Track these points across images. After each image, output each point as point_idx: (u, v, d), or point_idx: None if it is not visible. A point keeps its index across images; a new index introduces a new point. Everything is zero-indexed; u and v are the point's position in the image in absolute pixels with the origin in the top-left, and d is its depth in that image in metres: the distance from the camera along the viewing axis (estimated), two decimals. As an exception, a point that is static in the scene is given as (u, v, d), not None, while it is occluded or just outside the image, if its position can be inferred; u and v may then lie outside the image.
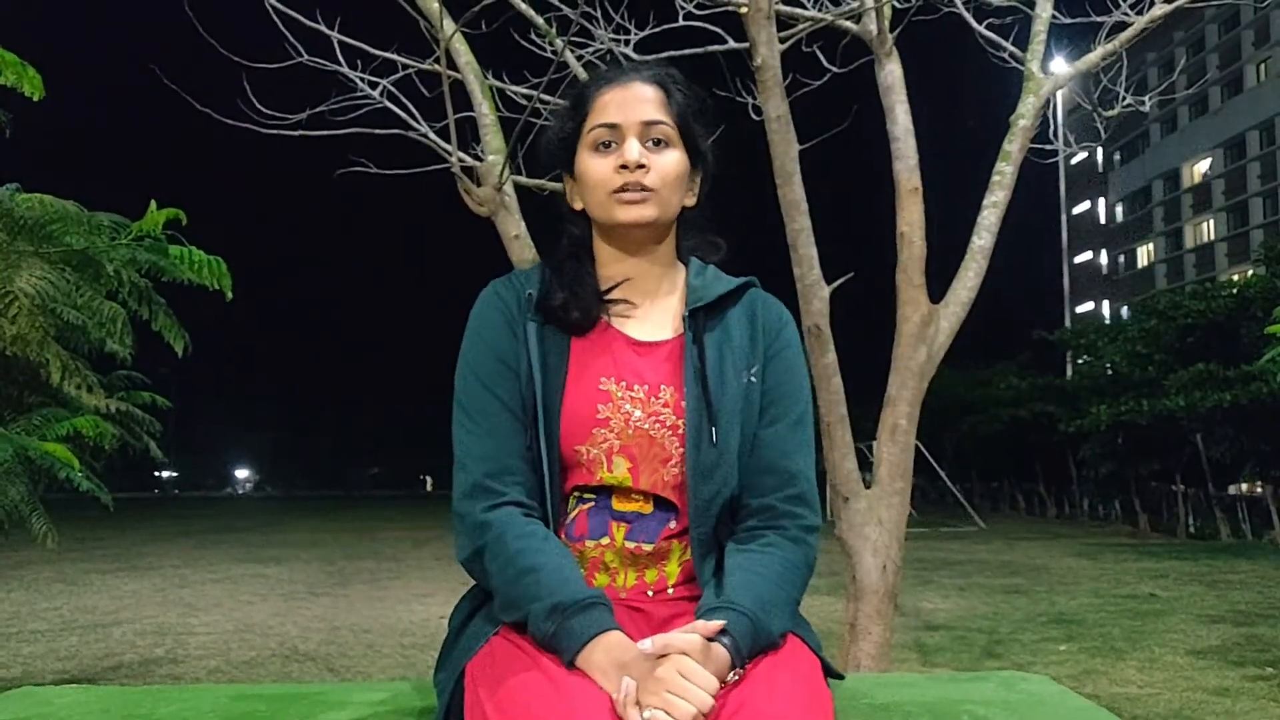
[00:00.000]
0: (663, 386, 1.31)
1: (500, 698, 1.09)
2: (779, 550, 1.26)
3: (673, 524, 1.30)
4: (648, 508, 1.30)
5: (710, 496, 1.28)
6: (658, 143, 1.32)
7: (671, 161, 1.32)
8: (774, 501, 1.29)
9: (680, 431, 1.29)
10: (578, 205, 1.38)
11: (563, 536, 1.30)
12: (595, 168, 1.32)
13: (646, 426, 1.29)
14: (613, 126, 1.31)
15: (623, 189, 1.30)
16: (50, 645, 6.70)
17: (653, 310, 1.38)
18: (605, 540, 1.29)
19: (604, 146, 1.32)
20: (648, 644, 1.06)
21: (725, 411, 1.29)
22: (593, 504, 1.30)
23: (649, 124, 1.31)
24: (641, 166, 1.29)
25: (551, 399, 1.29)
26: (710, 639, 1.10)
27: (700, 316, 1.34)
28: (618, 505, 1.30)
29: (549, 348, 1.31)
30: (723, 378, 1.30)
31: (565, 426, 1.28)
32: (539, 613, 1.13)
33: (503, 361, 1.31)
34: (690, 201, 1.39)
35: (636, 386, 1.31)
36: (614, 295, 1.36)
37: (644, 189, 1.30)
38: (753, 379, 1.33)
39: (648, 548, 1.29)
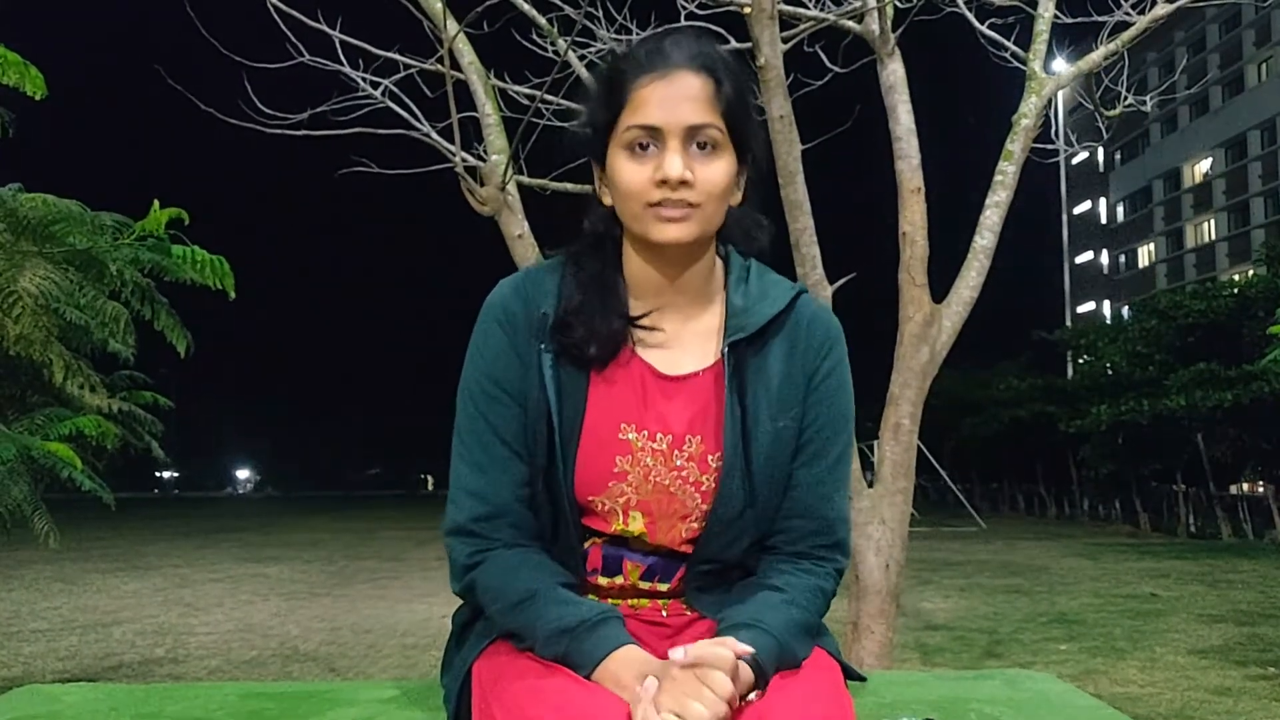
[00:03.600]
0: (689, 438, 1.18)
1: (508, 702, 1.06)
2: (810, 578, 1.20)
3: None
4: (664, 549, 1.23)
5: (723, 547, 1.20)
6: (703, 146, 1.13)
7: (719, 171, 1.13)
8: (808, 548, 1.22)
9: (703, 488, 1.18)
10: (607, 200, 1.20)
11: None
12: (631, 175, 1.13)
13: (667, 483, 1.18)
14: (652, 129, 1.12)
15: (661, 204, 1.12)
16: (50, 645, 6.71)
17: (684, 333, 1.22)
18: (619, 579, 1.23)
19: (641, 148, 1.13)
20: (679, 653, 0.99)
21: (755, 465, 1.18)
22: (606, 540, 1.23)
23: (695, 128, 1.12)
24: (685, 183, 1.11)
25: (567, 444, 1.17)
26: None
27: (741, 349, 1.19)
28: (633, 546, 1.22)
29: (565, 382, 1.17)
30: (756, 426, 1.19)
31: (580, 477, 1.17)
32: (545, 637, 1.08)
33: (502, 388, 1.18)
34: (736, 200, 1.20)
35: (659, 436, 1.18)
36: (644, 322, 1.21)
37: (687, 205, 1.12)
38: (788, 422, 1.20)
39: (663, 587, 1.23)
